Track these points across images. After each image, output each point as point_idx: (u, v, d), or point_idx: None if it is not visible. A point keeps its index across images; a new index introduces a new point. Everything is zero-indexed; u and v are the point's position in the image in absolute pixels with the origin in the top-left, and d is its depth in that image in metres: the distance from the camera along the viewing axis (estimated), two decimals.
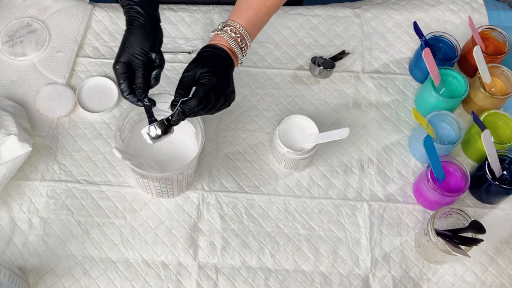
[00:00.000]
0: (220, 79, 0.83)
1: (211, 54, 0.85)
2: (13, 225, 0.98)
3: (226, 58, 0.86)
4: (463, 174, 1.00)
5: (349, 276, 0.98)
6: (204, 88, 0.81)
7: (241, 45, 0.87)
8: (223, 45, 0.86)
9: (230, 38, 0.86)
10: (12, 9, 1.20)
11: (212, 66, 0.83)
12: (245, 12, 0.89)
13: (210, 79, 0.81)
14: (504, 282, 0.98)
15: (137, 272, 0.96)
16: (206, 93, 0.81)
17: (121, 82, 0.85)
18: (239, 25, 0.87)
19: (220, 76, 0.83)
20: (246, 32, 0.88)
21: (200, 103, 0.81)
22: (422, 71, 1.13)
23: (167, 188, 0.96)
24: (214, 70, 0.82)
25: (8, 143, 0.98)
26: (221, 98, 0.84)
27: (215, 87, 0.82)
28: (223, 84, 0.83)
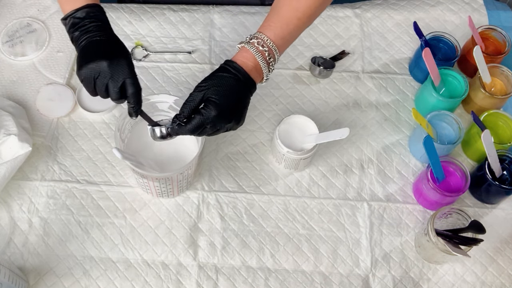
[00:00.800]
0: (222, 113, 0.79)
1: (227, 79, 0.80)
2: (13, 225, 0.98)
3: (244, 84, 0.81)
4: (463, 174, 1.00)
5: (349, 276, 0.98)
6: (200, 118, 0.79)
7: (268, 59, 0.82)
8: (246, 64, 0.82)
9: (257, 51, 0.82)
10: (12, 9, 1.20)
11: (220, 95, 0.79)
12: (274, 24, 0.84)
13: (209, 111, 0.78)
14: (504, 282, 0.98)
15: (137, 272, 0.96)
16: (200, 124, 0.79)
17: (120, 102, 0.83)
18: (267, 37, 0.82)
19: (224, 109, 0.79)
20: (274, 45, 0.83)
21: (192, 132, 0.80)
22: (422, 71, 1.13)
23: (167, 188, 0.96)
24: (219, 102, 0.79)
25: (8, 143, 0.98)
26: (219, 130, 0.81)
27: (212, 120, 0.79)
28: (223, 118, 0.79)
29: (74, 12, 0.82)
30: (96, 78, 0.80)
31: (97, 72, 0.80)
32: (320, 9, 0.87)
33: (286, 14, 0.84)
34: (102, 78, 0.80)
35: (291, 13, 0.84)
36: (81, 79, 0.82)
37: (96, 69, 0.80)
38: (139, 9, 1.22)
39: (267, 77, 0.85)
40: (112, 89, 0.81)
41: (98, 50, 0.81)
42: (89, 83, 0.81)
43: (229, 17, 1.22)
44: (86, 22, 0.82)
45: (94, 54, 0.81)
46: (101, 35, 0.83)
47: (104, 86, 0.81)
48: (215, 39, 1.19)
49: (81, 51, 0.82)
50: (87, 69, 0.80)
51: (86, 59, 0.80)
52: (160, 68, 1.15)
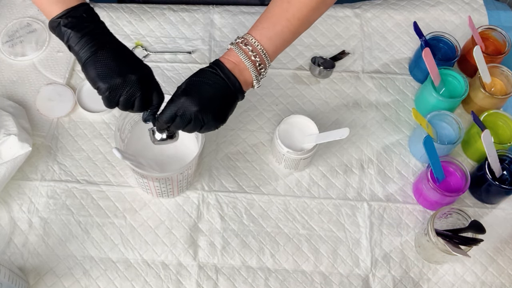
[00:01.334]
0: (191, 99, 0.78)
1: (202, 72, 0.80)
2: (13, 225, 0.98)
3: (222, 79, 0.80)
4: (463, 174, 1.00)
5: (349, 276, 0.98)
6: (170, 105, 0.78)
7: (254, 59, 0.81)
8: (227, 60, 0.81)
9: (239, 50, 0.81)
10: (12, 9, 1.20)
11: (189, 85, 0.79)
12: (261, 24, 0.83)
13: (178, 97, 0.78)
14: (504, 282, 0.98)
15: (137, 272, 0.96)
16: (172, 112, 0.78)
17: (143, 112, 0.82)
18: (252, 37, 0.81)
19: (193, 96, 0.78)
20: (259, 45, 0.81)
21: (166, 121, 0.79)
22: (422, 71, 1.13)
23: (167, 188, 0.96)
24: (188, 89, 0.78)
25: (8, 143, 0.98)
26: (192, 121, 0.79)
27: (182, 105, 0.78)
28: (192, 105, 0.78)
29: (70, 11, 0.77)
30: (124, 92, 0.77)
31: (125, 86, 0.77)
32: (313, 13, 0.84)
33: (274, 15, 0.83)
34: (132, 93, 0.77)
35: (279, 14, 0.82)
36: (103, 93, 0.78)
37: (125, 83, 0.77)
38: (139, 9, 1.22)
39: (257, 80, 0.83)
40: (139, 104, 0.79)
41: (118, 60, 0.77)
42: (114, 97, 0.78)
43: (229, 17, 1.22)
44: (86, 23, 0.77)
45: (115, 65, 0.77)
46: (112, 41, 0.80)
47: (131, 101, 0.78)
48: (215, 39, 1.19)
49: (96, 61, 0.77)
50: (113, 83, 0.76)
51: (108, 71, 0.76)
52: (160, 68, 1.15)
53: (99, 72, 0.77)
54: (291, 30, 0.83)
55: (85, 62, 0.77)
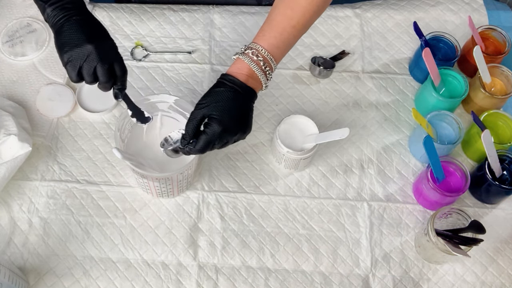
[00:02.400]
0: (227, 127, 0.80)
1: (225, 93, 0.81)
2: (13, 225, 0.98)
3: (242, 95, 0.82)
4: (463, 174, 1.00)
5: (349, 276, 0.97)
6: (206, 137, 0.80)
7: (264, 68, 0.83)
8: (241, 74, 0.82)
9: (251, 61, 0.82)
10: (12, 9, 1.20)
11: (221, 111, 0.80)
12: (268, 33, 0.84)
13: (212, 129, 0.79)
14: (504, 282, 0.98)
15: (137, 272, 0.96)
16: (208, 143, 0.80)
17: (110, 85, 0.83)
18: (261, 47, 0.83)
19: (227, 123, 0.80)
20: (269, 54, 0.83)
21: (202, 151, 0.81)
22: (422, 71, 1.13)
23: (167, 188, 0.96)
24: (221, 118, 0.79)
25: (8, 143, 0.98)
26: (227, 143, 0.82)
27: (218, 136, 0.80)
28: (229, 131, 0.80)
29: None
30: (84, 62, 0.79)
31: (84, 56, 0.79)
32: (315, 16, 0.86)
33: (280, 23, 0.84)
34: (90, 62, 0.79)
35: (285, 22, 0.84)
36: (65, 62, 0.80)
37: (84, 52, 0.79)
38: (139, 9, 1.22)
39: (266, 85, 0.86)
40: (101, 72, 0.80)
41: (82, 31, 0.80)
42: (75, 67, 0.80)
43: (229, 17, 1.22)
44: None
45: (78, 35, 0.79)
46: (80, 14, 0.81)
47: (91, 70, 0.80)
48: (215, 39, 1.19)
49: (61, 32, 0.80)
50: (73, 52, 0.79)
51: (70, 41, 0.79)
52: (160, 68, 1.15)
53: (61, 43, 0.80)
54: (295, 36, 0.86)
55: (54, 34, 0.81)
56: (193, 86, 1.14)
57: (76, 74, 0.81)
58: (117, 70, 0.83)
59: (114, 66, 0.82)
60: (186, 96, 1.11)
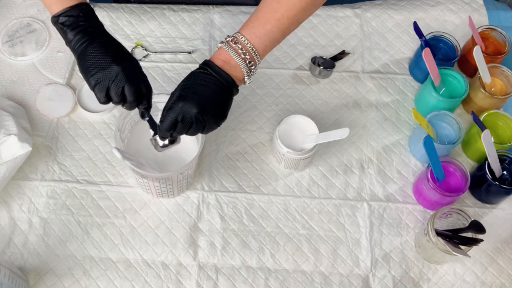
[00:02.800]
0: (189, 101, 0.79)
1: (194, 74, 0.82)
2: (13, 225, 0.98)
3: (215, 79, 0.81)
4: (463, 174, 1.00)
5: (349, 276, 0.98)
6: (170, 112, 0.80)
7: (244, 56, 0.83)
8: (219, 59, 0.83)
9: (229, 48, 0.83)
10: (12, 9, 1.20)
11: (184, 89, 0.81)
12: (251, 24, 0.85)
13: (176, 103, 0.80)
14: (504, 282, 0.98)
15: (137, 272, 0.96)
16: (173, 119, 0.80)
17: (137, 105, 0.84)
18: (242, 36, 0.83)
19: (190, 98, 0.80)
20: (249, 43, 0.83)
21: (169, 128, 0.81)
22: (422, 71, 1.13)
23: (167, 188, 0.96)
24: (184, 93, 0.80)
25: (8, 143, 0.98)
26: (194, 123, 0.81)
27: (180, 110, 0.79)
28: (190, 107, 0.79)
29: (67, 10, 0.81)
30: (112, 83, 0.80)
31: (112, 77, 0.79)
32: (302, 13, 0.86)
33: (264, 14, 0.85)
34: (118, 83, 0.80)
35: (269, 14, 0.84)
36: (93, 85, 0.81)
37: (111, 74, 0.79)
38: (139, 9, 1.22)
39: (248, 76, 0.85)
40: (129, 92, 0.81)
41: (106, 53, 0.81)
42: (103, 88, 0.80)
43: (229, 17, 1.22)
44: (81, 21, 0.81)
45: (103, 58, 0.80)
46: (102, 37, 0.83)
47: (120, 90, 0.80)
48: (215, 39, 1.19)
49: (86, 55, 0.81)
50: (100, 74, 0.79)
51: (96, 63, 0.80)
52: (160, 68, 1.15)
53: (87, 66, 0.81)
54: (280, 29, 0.85)
55: (77, 58, 0.82)
56: None
57: (105, 95, 0.81)
58: (143, 89, 0.83)
59: (141, 86, 0.83)
60: None
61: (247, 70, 0.84)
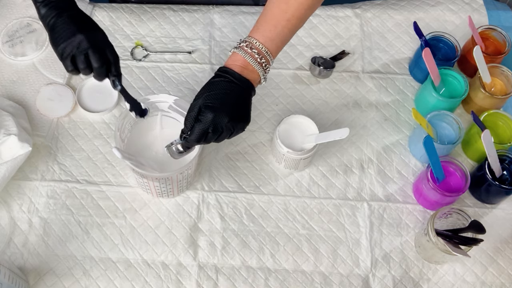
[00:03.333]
0: (219, 113, 0.80)
1: (219, 83, 0.82)
2: (13, 225, 0.98)
3: (237, 84, 0.82)
4: (463, 174, 1.00)
5: (349, 276, 0.97)
6: (199, 125, 0.81)
7: (260, 60, 0.83)
8: (235, 65, 0.83)
9: (245, 54, 0.83)
10: (12, 9, 1.20)
11: (214, 99, 0.81)
12: (262, 27, 0.85)
13: (205, 115, 0.80)
14: (504, 282, 0.98)
15: (137, 272, 0.96)
16: (202, 131, 0.81)
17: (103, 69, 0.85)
18: (256, 40, 0.84)
19: (219, 110, 0.80)
20: (264, 47, 0.84)
21: (198, 141, 0.82)
22: (422, 71, 1.13)
23: (167, 188, 0.96)
24: (213, 105, 0.80)
25: (8, 143, 0.98)
26: (223, 133, 0.82)
27: (211, 122, 0.80)
28: (221, 118, 0.80)
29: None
30: (76, 50, 0.83)
31: (76, 44, 0.82)
32: (310, 10, 0.87)
33: (275, 16, 0.85)
34: (82, 49, 0.83)
35: (279, 15, 0.85)
36: (60, 54, 0.84)
37: (75, 41, 0.82)
38: (139, 9, 1.22)
39: (264, 78, 0.86)
40: (94, 58, 0.83)
41: (73, 23, 0.84)
42: (68, 55, 0.83)
43: (229, 17, 1.22)
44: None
45: (69, 28, 0.83)
46: (71, 10, 0.85)
47: (83, 57, 0.83)
48: (215, 39, 1.19)
49: (54, 28, 0.84)
50: (66, 43, 0.83)
51: (63, 34, 0.83)
52: (160, 68, 1.15)
53: (55, 38, 0.84)
54: (290, 30, 0.86)
55: (48, 31, 0.86)
56: (193, 86, 1.14)
57: (70, 63, 0.84)
58: (109, 56, 0.86)
59: (106, 52, 0.85)
60: (186, 96, 1.11)
61: (263, 72, 0.85)
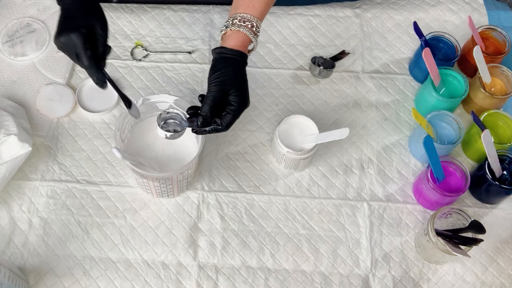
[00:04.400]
0: (246, 99, 0.85)
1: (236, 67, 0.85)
2: (13, 225, 0.98)
3: (243, 63, 0.87)
4: (463, 174, 1.00)
5: (349, 276, 0.97)
6: (234, 114, 0.84)
7: (255, 31, 0.88)
8: (239, 45, 0.86)
9: (246, 28, 0.87)
10: (12, 9, 1.20)
11: (240, 87, 0.85)
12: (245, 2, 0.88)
13: (240, 104, 0.84)
14: (504, 282, 0.98)
15: (137, 272, 0.96)
16: (234, 118, 0.84)
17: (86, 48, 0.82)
18: (246, 14, 0.87)
19: (246, 95, 0.85)
20: (255, 18, 0.88)
21: (227, 127, 0.84)
22: (422, 71, 1.13)
23: (167, 188, 0.96)
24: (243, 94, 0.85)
25: (8, 143, 0.98)
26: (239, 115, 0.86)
27: (242, 111, 0.85)
28: (247, 103, 0.86)
29: None
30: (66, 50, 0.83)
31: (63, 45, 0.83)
32: None
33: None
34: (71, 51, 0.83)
35: None
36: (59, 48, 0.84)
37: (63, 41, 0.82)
38: (139, 9, 1.22)
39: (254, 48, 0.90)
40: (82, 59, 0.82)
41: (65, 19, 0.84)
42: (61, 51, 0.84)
43: None
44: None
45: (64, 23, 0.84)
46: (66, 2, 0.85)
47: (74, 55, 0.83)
48: (215, 39, 1.19)
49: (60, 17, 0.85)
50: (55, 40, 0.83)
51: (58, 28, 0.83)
52: (160, 68, 1.15)
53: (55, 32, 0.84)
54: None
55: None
56: (193, 86, 1.14)
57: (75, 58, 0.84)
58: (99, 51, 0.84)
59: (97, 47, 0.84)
60: (186, 96, 1.11)
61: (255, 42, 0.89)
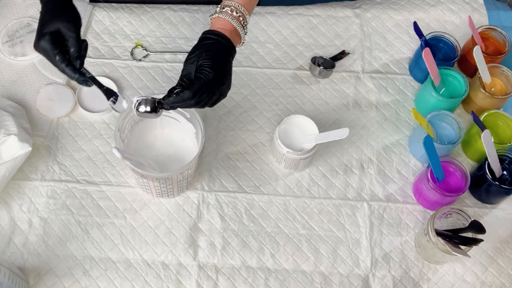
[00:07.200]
0: (218, 75, 0.82)
1: (213, 45, 0.84)
2: (13, 225, 0.98)
3: (228, 48, 0.85)
4: (463, 174, 1.00)
5: (349, 276, 0.98)
6: (200, 82, 0.81)
7: (243, 23, 0.88)
8: (225, 29, 0.86)
9: (232, 18, 0.86)
10: (12, 9, 1.20)
11: (213, 59, 0.82)
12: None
13: (207, 74, 0.81)
14: (504, 282, 0.98)
15: (137, 272, 0.96)
16: (201, 88, 0.81)
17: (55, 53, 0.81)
18: (237, 3, 0.87)
19: (218, 71, 0.82)
20: (244, 9, 0.88)
21: (194, 96, 0.81)
22: (422, 71, 1.13)
23: (167, 188, 0.96)
24: (213, 64, 0.82)
25: (8, 143, 0.98)
26: (216, 94, 0.83)
27: (210, 82, 0.81)
28: (219, 80, 0.82)
29: None
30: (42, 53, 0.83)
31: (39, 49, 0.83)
32: None
33: None
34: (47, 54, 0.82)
35: None
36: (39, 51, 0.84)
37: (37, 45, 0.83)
38: (139, 9, 1.22)
39: (243, 41, 0.90)
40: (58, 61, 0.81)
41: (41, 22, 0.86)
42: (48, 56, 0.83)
43: None
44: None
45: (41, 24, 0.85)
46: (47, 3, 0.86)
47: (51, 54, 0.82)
48: None
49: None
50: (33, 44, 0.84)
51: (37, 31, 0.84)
52: (160, 68, 1.15)
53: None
54: None
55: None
56: None
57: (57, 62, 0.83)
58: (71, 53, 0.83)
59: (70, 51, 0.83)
60: None
61: (244, 36, 0.89)
